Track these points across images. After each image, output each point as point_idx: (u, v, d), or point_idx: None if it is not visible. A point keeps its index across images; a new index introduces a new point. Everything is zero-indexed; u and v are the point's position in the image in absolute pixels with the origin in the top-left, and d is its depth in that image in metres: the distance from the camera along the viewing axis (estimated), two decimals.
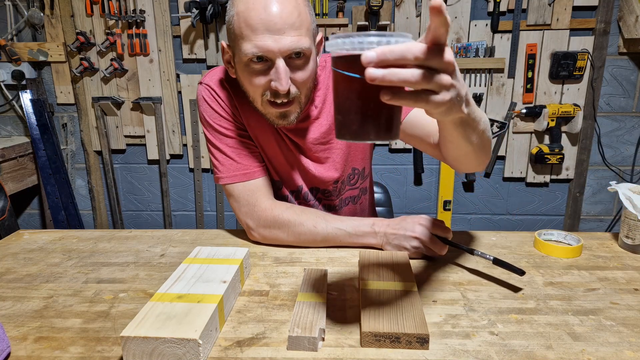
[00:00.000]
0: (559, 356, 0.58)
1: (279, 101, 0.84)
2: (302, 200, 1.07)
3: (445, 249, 0.84)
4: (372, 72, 0.44)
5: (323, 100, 0.99)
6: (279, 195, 1.06)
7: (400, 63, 0.45)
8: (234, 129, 0.96)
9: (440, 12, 0.44)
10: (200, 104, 0.97)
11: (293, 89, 0.83)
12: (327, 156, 1.02)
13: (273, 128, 0.98)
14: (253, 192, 0.94)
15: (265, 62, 0.80)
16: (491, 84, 2.23)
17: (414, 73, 0.45)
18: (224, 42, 0.89)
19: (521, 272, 0.74)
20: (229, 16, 0.82)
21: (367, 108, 0.49)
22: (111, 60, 2.24)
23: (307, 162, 1.02)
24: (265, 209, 0.92)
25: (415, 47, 0.45)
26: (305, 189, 1.06)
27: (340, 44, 0.47)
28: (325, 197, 1.08)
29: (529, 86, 2.21)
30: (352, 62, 0.47)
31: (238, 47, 0.81)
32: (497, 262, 0.77)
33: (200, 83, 0.98)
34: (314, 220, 0.90)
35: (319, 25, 2.19)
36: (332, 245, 0.91)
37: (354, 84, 0.48)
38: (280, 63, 0.79)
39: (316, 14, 2.20)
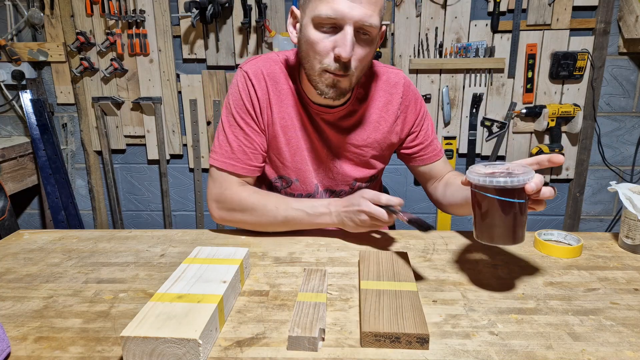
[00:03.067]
0: (559, 356, 0.58)
1: (332, 70, 0.85)
2: None
3: (387, 217, 0.85)
4: (546, 192, 0.67)
5: (366, 105, 1.02)
6: (287, 194, 1.07)
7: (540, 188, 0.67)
8: (251, 124, 0.98)
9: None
10: (232, 87, 1.00)
11: (353, 62, 0.85)
12: (359, 157, 1.05)
13: (310, 122, 1.00)
14: (231, 182, 0.98)
15: (333, 28, 0.82)
16: (491, 84, 2.23)
17: (551, 190, 0.68)
18: (294, 7, 0.92)
19: (426, 227, 0.75)
20: None
21: (515, 222, 0.67)
22: (111, 60, 2.24)
23: (336, 160, 1.04)
24: (233, 192, 0.97)
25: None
26: (320, 189, 1.07)
27: (502, 182, 0.65)
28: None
29: (529, 86, 2.21)
30: (512, 192, 0.65)
31: (311, 7, 0.83)
32: (411, 221, 0.79)
33: (241, 68, 0.99)
34: (275, 202, 0.94)
35: None
36: (294, 228, 0.96)
37: (509, 206, 0.66)
38: (349, 29, 0.81)
39: None
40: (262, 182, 1.15)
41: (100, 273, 0.82)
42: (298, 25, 0.90)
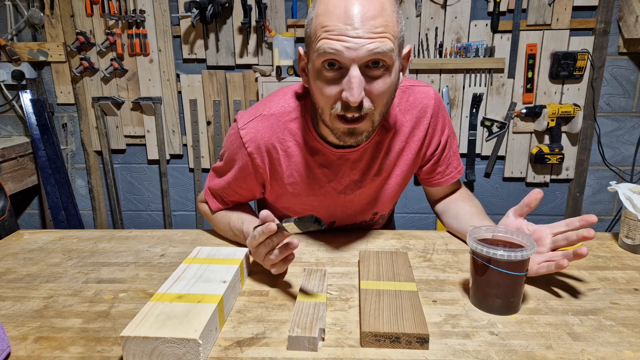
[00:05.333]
0: (559, 356, 0.58)
1: (349, 116, 0.75)
2: None
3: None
4: (564, 264, 0.69)
5: (393, 134, 0.92)
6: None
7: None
8: (239, 189, 0.96)
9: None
10: (228, 144, 0.92)
11: (367, 103, 0.74)
12: (381, 190, 0.97)
13: (326, 166, 0.91)
14: (204, 203, 1.04)
15: (338, 69, 0.72)
16: (491, 84, 2.23)
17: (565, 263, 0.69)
18: (301, 49, 0.82)
19: (318, 221, 0.63)
20: (308, 19, 0.76)
21: (515, 293, 0.67)
22: (111, 60, 2.24)
23: (355, 198, 0.96)
24: (204, 210, 1.04)
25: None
26: (336, 224, 1.02)
27: (507, 255, 0.64)
28: (357, 226, 1.05)
29: (529, 86, 2.21)
30: (516, 264, 0.65)
31: (311, 51, 0.74)
32: (298, 221, 0.66)
33: (238, 131, 0.89)
34: (229, 218, 0.95)
35: None
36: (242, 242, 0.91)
37: (515, 278, 0.66)
38: (354, 71, 0.70)
39: None
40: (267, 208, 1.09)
41: (100, 273, 0.82)
42: (307, 68, 0.80)
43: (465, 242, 0.93)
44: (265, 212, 0.71)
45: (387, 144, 0.91)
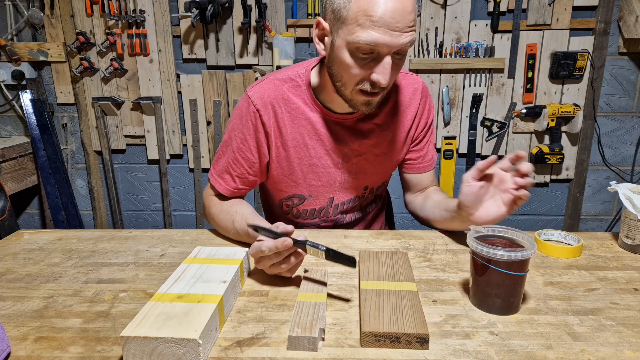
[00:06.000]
0: (559, 356, 0.58)
1: (369, 91, 0.86)
2: (323, 217, 1.08)
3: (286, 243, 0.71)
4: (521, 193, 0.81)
5: (387, 109, 1.02)
6: (300, 211, 1.08)
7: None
8: (243, 151, 0.99)
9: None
10: (235, 110, 1.00)
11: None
12: (375, 160, 1.04)
13: (327, 131, 0.98)
14: (211, 192, 1.05)
15: (371, 54, 0.81)
16: (491, 84, 2.23)
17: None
18: (320, 19, 0.87)
19: (353, 262, 0.69)
20: None
21: (515, 293, 0.68)
22: (111, 60, 2.24)
23: (352, 166, 1.03)
24: (208, 201, 1.04)
25: None
26: (334, 202, 1.06)
27: (507, 255, 0.64)
28: (352, 208, 1.10)
29: (529, 86, 2.21)
30: (516, 264, 0.65)
31: (348, 31, 0.80)
32: (329, 254, 0.70)
33: (246, 92, 0.98)
34: (232, 216, 0.95)
35: None
36: (246, 240, 0.93)
37: (515, 278, 0.66)
38: (388, 59, 0.81)
39: (316, 14, 2.20)
40: (269, 203, 1.16)
41: (100, 273, 0.82)
42: (327, 39, 0.87)
43: (438, 229, 1.01)
44: (283, 225, 0.74)
45: (381, 115, 1.01)
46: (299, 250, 0.73)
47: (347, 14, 0.79)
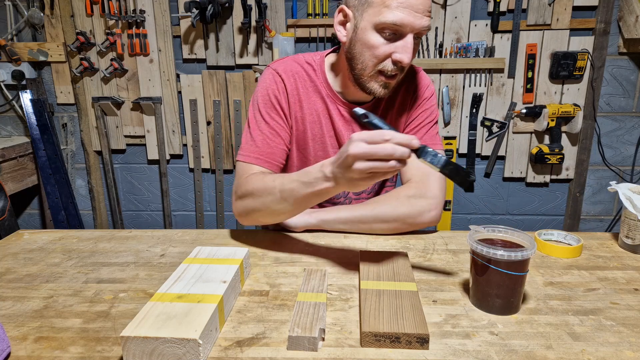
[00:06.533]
0: (559, 356, 0.58)
1: (389, 72, 0.89)
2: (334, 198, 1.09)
3: (397, 150, 0.65)
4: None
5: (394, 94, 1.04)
6: None
7: None
8: (276, 119, 1.00)
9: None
10: (260, 84, 1.02)
11: None
12: None
13: (340, 117, 1.02)
14: (249, 171, 0.95)
15: (393, 34, 0.86)
16: (491, 84, 2.23)
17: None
18: (343, 6, 0.92)
19: (469, 184, 0.67)
20: None
21: (515, 293, 0.67)
22: (111, 60, 2.24)
23: None
24: (245, 177, 0.94)
25: None
26: None
27: (507, 255, 0.64)
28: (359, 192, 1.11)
29: (529, 86, 2.21)
30: (517, 264, 0.65)
31: (375, 12, 0.85)
32: (446, 166, 0.67)
33: (269, 67, 1.03)
34: (274, 177, 0.88)
35: (318, 26, 2.19)
36: (296, 204, 0.83)
37: (515, 278, 0.66)
38: (410, 38, 0.86)
39: (316, 14, 2.20)
40: None
41: (100, 273, 0.82)
42: (349, 25, 0.92)
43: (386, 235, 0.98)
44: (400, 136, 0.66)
45: (388, 100, 1.04)
46: (402, 158, 0.65)
47: None
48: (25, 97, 2.25)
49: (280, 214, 0.89)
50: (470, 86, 2.23)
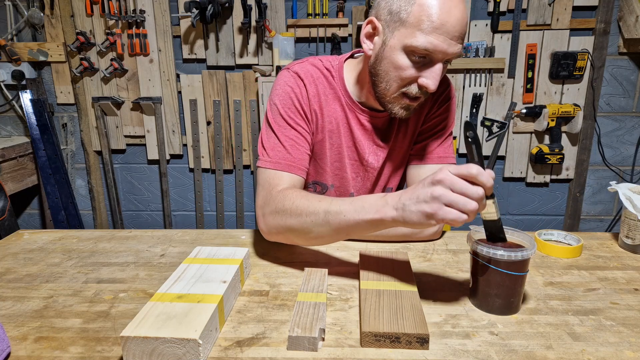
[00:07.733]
0: (559, 356, 0.58)
1: (413, 95, 0.85)
2: None
3: (480, 193, 0.61)
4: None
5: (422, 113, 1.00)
6: None
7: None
8: (301, 124, 0.94)
9: None
10: (277, 87, 0.95)
11: None
12: (402, 157, 1.03)
13: (358, 125, 0.98)
14: (281, 180, 0.88)
15: (423, 58, 0.81)
16: (491, 84, 2.23)
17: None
18: (373, 18, 0.86)
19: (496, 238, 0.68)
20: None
21: (515, 293, 0.67)
22: (111, 60, 2.24)
23: (378, 162, 1.01)
24: (280, 190, 0.85)
25: None
26: (354, 195, 1.04)
27: (507, 255, 0.64)
28: None
29: (529, 86, 2.21)
30: (517, 264, 0.65)
31: (407, 34, 0.80)
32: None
33: (288, 69, 0.97)
34: (319, 197, 0.80)
35: (318, 26, 2.19)
36: (337, 229, 0.76)
37: (515, 278, 0.66)
38: (439, 65, 0.82)
39: (316, 14, 2.20)
40: None
41: (100, 273, 0.82)
42: (377, 39, 0.86)
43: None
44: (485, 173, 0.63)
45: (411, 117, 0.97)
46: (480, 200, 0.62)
47: (407, 17, 0.79)
48: (25, 97, 2.25)
49: (315, 238, 0.81)
50: (470, 86, 2.23)
